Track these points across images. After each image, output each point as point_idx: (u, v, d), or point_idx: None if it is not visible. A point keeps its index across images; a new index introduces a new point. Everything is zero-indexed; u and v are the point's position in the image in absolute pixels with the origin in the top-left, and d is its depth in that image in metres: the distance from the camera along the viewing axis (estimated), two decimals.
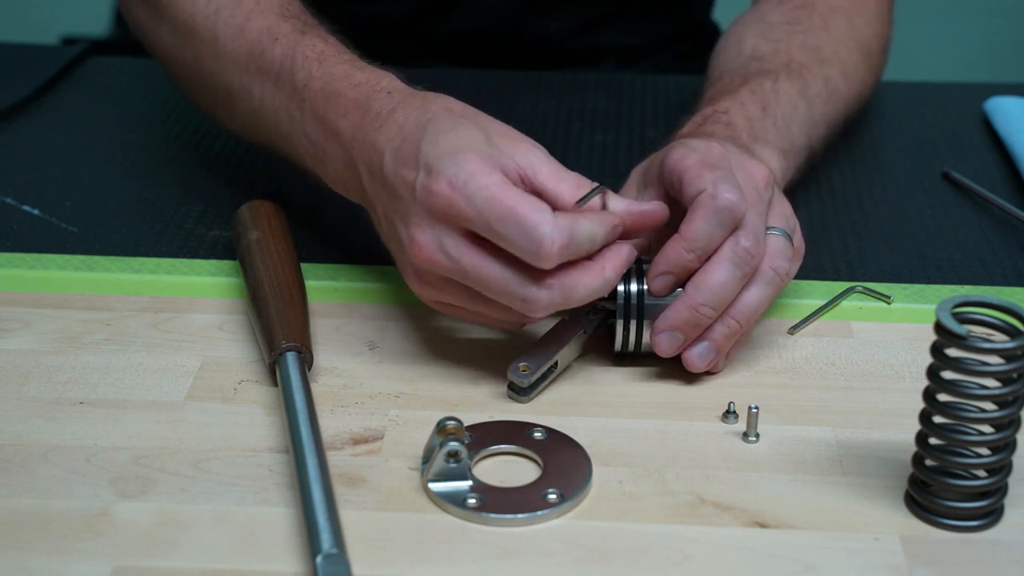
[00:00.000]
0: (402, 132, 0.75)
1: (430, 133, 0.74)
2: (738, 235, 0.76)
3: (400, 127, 0.76)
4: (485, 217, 0.71)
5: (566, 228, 0.71)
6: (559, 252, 0.71)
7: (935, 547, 0.67)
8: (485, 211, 0.71)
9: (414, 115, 0.76)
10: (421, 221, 0.73)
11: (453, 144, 0.73)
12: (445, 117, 0.75)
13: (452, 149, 0.73)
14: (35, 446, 0.73)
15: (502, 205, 0.71)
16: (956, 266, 0.91)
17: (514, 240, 0.71)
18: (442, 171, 0.72)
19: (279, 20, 0.88)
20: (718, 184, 0.75)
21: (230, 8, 0.90)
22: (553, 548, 0.67)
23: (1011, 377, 0.66)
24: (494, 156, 0.73)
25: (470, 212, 0.71)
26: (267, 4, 0.89)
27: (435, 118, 0.75)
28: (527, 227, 0.70)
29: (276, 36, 0.86)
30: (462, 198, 0.71)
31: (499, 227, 0.71)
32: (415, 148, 0.74)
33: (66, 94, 1.16)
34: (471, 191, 0.71)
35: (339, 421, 0.76)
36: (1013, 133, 1.07)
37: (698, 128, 0.87)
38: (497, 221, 0.71)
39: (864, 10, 1.05)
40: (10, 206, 0.97)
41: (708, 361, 0.78)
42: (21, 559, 0.66)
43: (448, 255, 0.73)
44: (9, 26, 2.51)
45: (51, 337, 0.83)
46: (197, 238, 0.93)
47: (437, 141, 0.73)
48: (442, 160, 0.72)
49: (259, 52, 0.87)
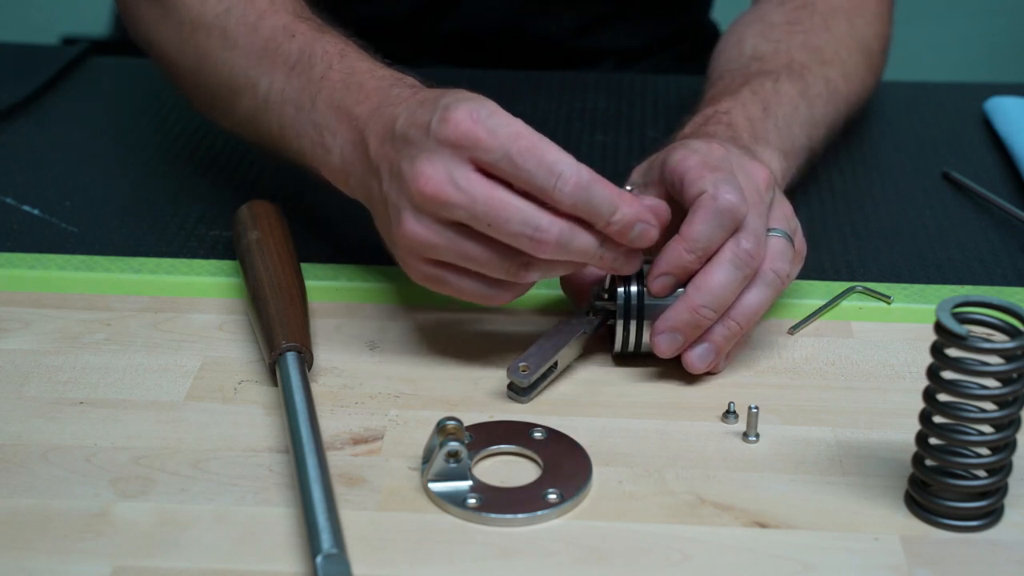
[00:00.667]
0: (422, 100, 0.76)
1: (448, 93, 0.75)
2: (739, 237, 0.76)
3: (420, 99, 0.76)
4: (507, 149, 0.71)
5: (586, 172, 0.71)
6: (574, 188, 0.71)
7: (935, 547, 0.67)
8: (507, 143, 0.71)
9: (434, 92, 0.77)
10: (431, 154, 0.73)
11: (472, 96, 0.74)
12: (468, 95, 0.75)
13: (472, 96, 0.73)
14: (35, 446, 0.73)
15: (526, 139, 0.71)
16: (956, 266, 0.91)
17: (534, 172, 0.71)
18: (462, 105, 0.72)
19: (295, 19, 0.88)
20: (719, 185, 0.75)
21: (242, 7, 0.90)
22: (553, 548, 0.67)
23: (1011, 377, 0.66)
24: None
25: (492, 143, 0.71)
26: (281, 4, 0.90)
27: (452, 90, 0.75)
28: (547, 161, 0.71)
29: (293, 33, 0.87)
30: (484, 130, 0.71)
31: (520, 159, 0.71)
32: (433, 103, 0.74)
33: (66, 94, 1.16)
34: (494, 124, 0.71)
35: (339, 421, 0.76)
36: (1013, 133, 1.07)
37: (699, 128, 0.87)
38: (519, 153, 0.71)
39: (865, 10, 1.05)
40: (10, 206, 0.97)
41: (708, 362, 0.78)
42: (21, 559, 0.66)
43: (457, 186, 0.72)
44: (9, 26, 2.51)
45: (51, 337, 0.83)
46: (197, 238, 0.93)
47: (456, 94, 0.74)
48: (462, 98, 0.73)
49: (274, 47, 0.87)
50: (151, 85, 1.18)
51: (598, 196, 0.72)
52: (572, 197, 0.71)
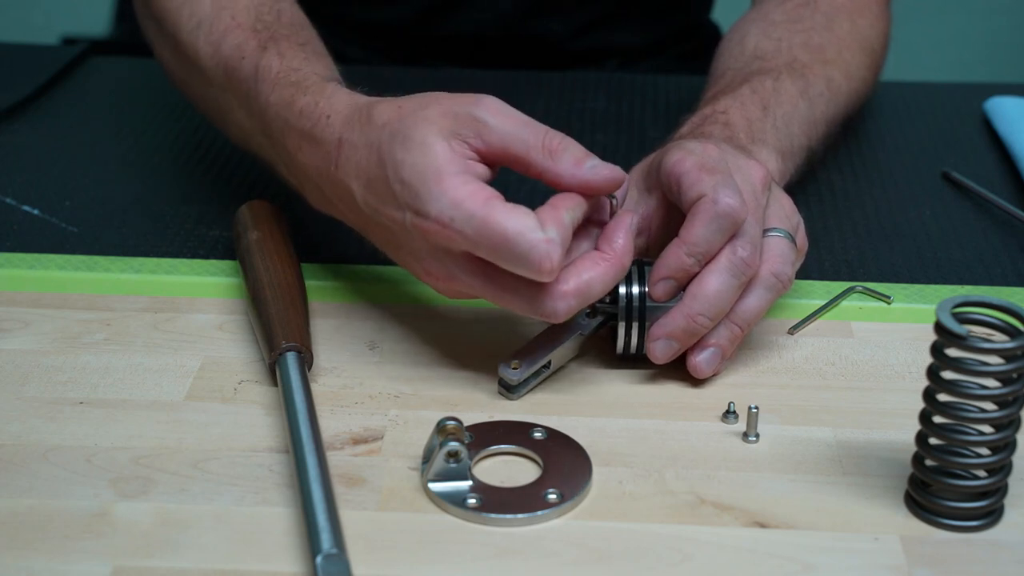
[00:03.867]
0: (360, 169, 0.75)
1: (391, 170, 0.73)
2: (735, 244, 0.76)
3: (355, 164, 0.76)
4: (481, 247, 0.71)
5: (557, 237, 0.71)
6: (558, 265, 0.71)
7: (935, 547, 0.67)
8: (479, 242, 0.71)
9: (362, 148, 0.75)
10: (427, 256, 0.75)
11: (419, 174, 0.72)
12: (391, 141, 0.74)
13: (422, 181, 0.72)
14: (35, 446, 0.73)
15: (493, 232, 0.70)
16: (956, 266, 0.91)
17: (513, 265, 0.71)
18: (427, 211, 0.72)
19: (249, 35, 0.86)
20: (718, 189, 0.75)
21: (209, 22, 0.89)
22: (553, 548, 0.67)
23: (1011, 377, 0.66)
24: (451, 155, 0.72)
25: (467, 244, 0.72)
26: (243, 16, 0.88)
27: (383, 147, 0.74)
28: (522, 252, 0.70)
29: (243, 54, 0.85)
30: (455, 233, 0.71)
31: (495, 255, 0.71)
32: (385, 188, 0.74)
33: (66, 94, 1.16)
34: (460, 225, 0.71)
35: (339, 421, 0.76)
36: (1013, 133, 1.07)
37: (696, 128, 0.87)
38: (492, 250, 0.71)
39: (866, 10, 1.05)
40: (10, 206, 0.97)
41: (715, 366, 0.78)
42: (21, 559, 0.66)
43: (464, 282, 0.74)
44: (9, 26, 2.51)
45: (51, 337, 0.83)
46: (197, 238, 0.93)
47: (402, 179, 0.73)
48: (420, 199, 0.72)
49: (232, 71, 0.86)
50: (151, 85, 1.18)
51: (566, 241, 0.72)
52: (554, 272, 0.71)
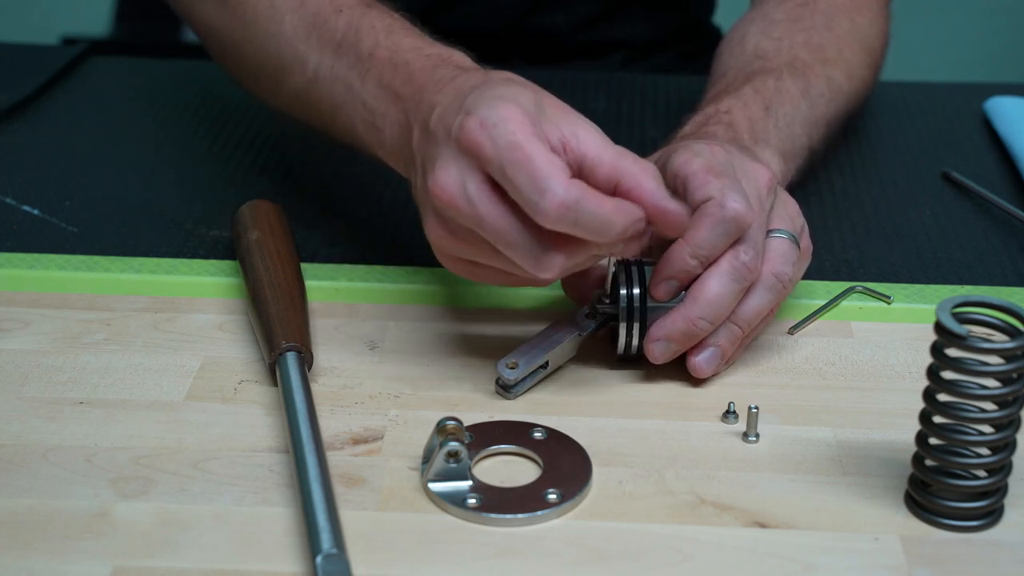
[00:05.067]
0: (458, 92, 0.74)
1: (481, 88, 0.73)
2: (738, 249, 0.76)
3: (458, 89, 0.75)
4: (501, 160, 0.69)
5: (576, 191, 0.68)
6: (559, 210, 0.68)
7: (935, 547, 0.67)
8: (503, 153, 0.69)
9: (474, 80, 0.75)
10: (447, 161, 0.72)
11: (498, 94, 0.72)
12: (502, 81, 0.74)
13: (496, 97, 0.71)
14: (35, 446, 0.73)
15: (520, 151, 0.69)
16: (956, 266, 0.91)
17: (520, 186, 0.69)
18: (478, 111, 0.71)
19: None
20: (726, 193, 0.75)
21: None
22: (553, 548, 0.67)
23: (1011, 377, 0.66)
24: (538, 118, 0.71)
25: (491, 152, 0.70)
26: None
27: (492, 80, 0.74)
28: (536, 176, 0.68)
29: (340, 8, 0.85)
30: (487, 138, 0.70)
31: (510, 171, 0.69)
32: (463, 99, 0.73)
33: (66, 94, 1.16)
34: (496, 133, 0.69)
35: (339, 421, 0.76)
36: (1013, 133, 1.07)
37: (700, 128, 0.87)
38: (510, 165, 0.69)
39: (866, 8, 1.05)
40: (10, 206, 0.97)
41: (716, 366, 0.78)
42: (21, 559, 0.66)
43: (467, 198, 0.71)
44: (9, 26, 2.51)
45: (51, 337, 0.83)
46: (197, 238, 0.93)
47: (484, 92, 0.72)
48: (481, 103, 0.71)
49: (321, 22, 0.85)
50: (151, 85, 1.18)
51: (586, 216, 0.69)
52: (554, 217, 0.69)
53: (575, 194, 0.68)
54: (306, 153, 1.05)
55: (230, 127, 1.10)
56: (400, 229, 0.95)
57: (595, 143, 0.72)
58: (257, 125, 1.09)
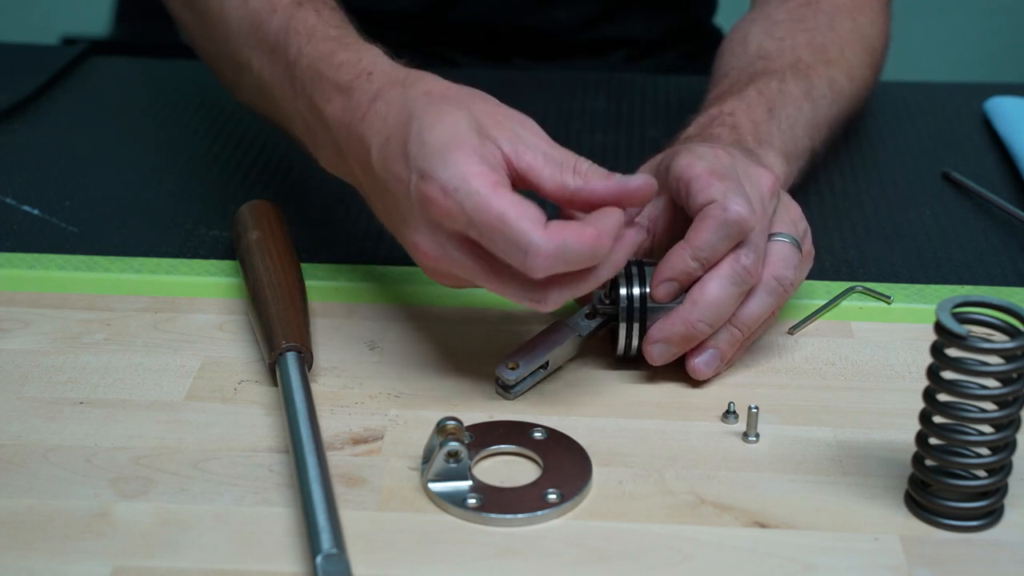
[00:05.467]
0: (386, 125, 0.74)
1: (415, 130, 0.72)
2: (739, 252, 0.76)
3: (383, 119, 0.74)
4: (476, 224, 0.70)
5: (556, 238, 0.69)
6: (546, 262, 0.69)
7: (935, 547, 0.67)
8: (475, 218, 0.69)
9: (396, 105, 0.74)
10: (420, 226, 0.72)
11: (440, 140, 0.71)
12: (427, 107, 0.73)
13: (441, 147, 0.71)
14: (35, 446, 0.73)
15: (490, 212, 0.69)
16: (956, 266, 0.91)
17: (502, 249, 0.69)
18: (435, 175, 0.70)
19: None
20: (728, 196, 0.75)
21: None
22: (553, 548, 0.67)
23: (1011, 377, 0.66)
24: (481, 148, 0.71)
25: (463, 220, 0.70)
26: None
27: (416, 109, 0.73)
28: (514, 236, 0.69)
29: (274, 8, 0.84)
30: (454, 204, 0.70)
31: (488, 235, 0.69)
32: (402, 147, 0.72)
33: (66, 94, 1.16)
34: (462, 197, 0.69)
35: (339, 421, 0.76)
36: (1013, 133, 1.07)
37: (703, 130, 0.87)
38: (486, 229, 0.69)
39: (867, 8, 1.05)
40: (10, 206, 0.97)
41: (715, 368, 0.78)
42: (21, 559, 0.66)
43: (452, 260, 0.72)
44: (9, 26, 2.51)
45: (51, 337, 0.83)
46: (197, 238, 0.93)
47: (423, 140, 0.72)
48: (433, 162, 0.71)
49: (259, 23, 0.85)
50: (151, 85, 1.18)
51: (574, 255, 0.69)
52: (544, 269, 0.69)
53: (556, 241, 0.69)
54: (306, 153, 1.05)
55: (230, 127, 1.10)
56: None
57: (533, 157, 0.72)
58: (257, 125, 1.09)
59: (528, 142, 0.73)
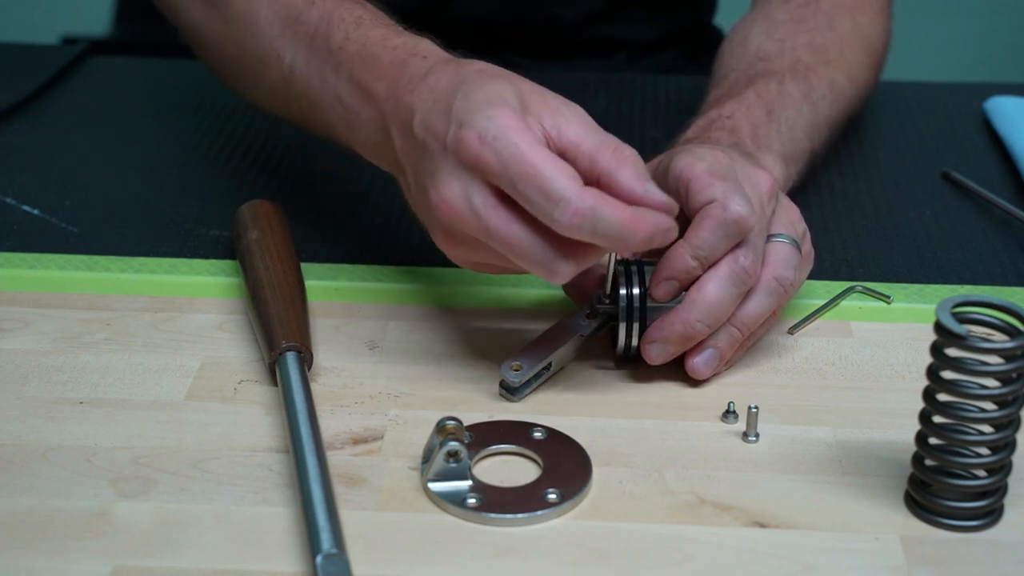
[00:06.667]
0: (434, 93, 0.74)
1: (462, 91, 0.72)
2: (737, 253, 0.76)
3: (432, 89, 0.74)
4: (510, 174, 0.69)
5: (590, 199, 0.68)
6: (576, 218, 0.68)
7: (935, 547, 0.67)
8: (510, 168, 0.69)
9: (447, 78, 0.74)
10: (449, 175, 0.72)
11: (485, 98, 0.71)
12: (477, 77, 0.73)
13: (484, 102, 0.71)
14: (35, 446, 0.73)
15: (527, 163, 0.69)
16: (956, 266, 0.91)
17: (533, 198, 0.69)
18: (474, 123, 0.70)
19: None
20: (729, 196, 0.75)
21: None
22: (553, 548, 0.67)
23: (1011, 377, 0.66)
24: (522, 114, 0.71)
25: (497, 167, 0.69)
26: None
27: (467, 79, 0.73)
28: (549, 186, 0.68)
29: (313, 1, 0.85)
30: (491, 152, 0.69)
31: (521, 185, 0.69)
32: (447, 105, 0.72)
33: (66, 94, 1.16)
34: (500, 146, 0.69)
35: (339, 421, 0.76)
36: (1013, 133, 1.07)
37: (703, 133, 0.87)
38: (520, 179, 0.69)
39: (867, 8, 1.05)
40: (10, 206, 0.97)
41: (713, 368, 0.78)
42: (21, 559, 0.66)
43: (475, 212, 0.71)
44: (9, 26, 2.51)
45: (51, 337, 0.83)
46: (197, 238, 0.93)
47: (468, 97, 0.72)
48: (475, 113, 0.71)
49: (295, 16, 0.85)
50: (151, 85, 1.18)
51: (603, 224, 0.68)
52: (570, 225, 0.68)
53: (589, 202, 0.68)
54: (306, 153, 1.05)
55: (230, 127, 1.10)
56: (399, 229, 0.95)
57: (576, 133, 0.72)
58: (257, 125, 1.09)
59: (571, 120, 0.72)
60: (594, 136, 0.72)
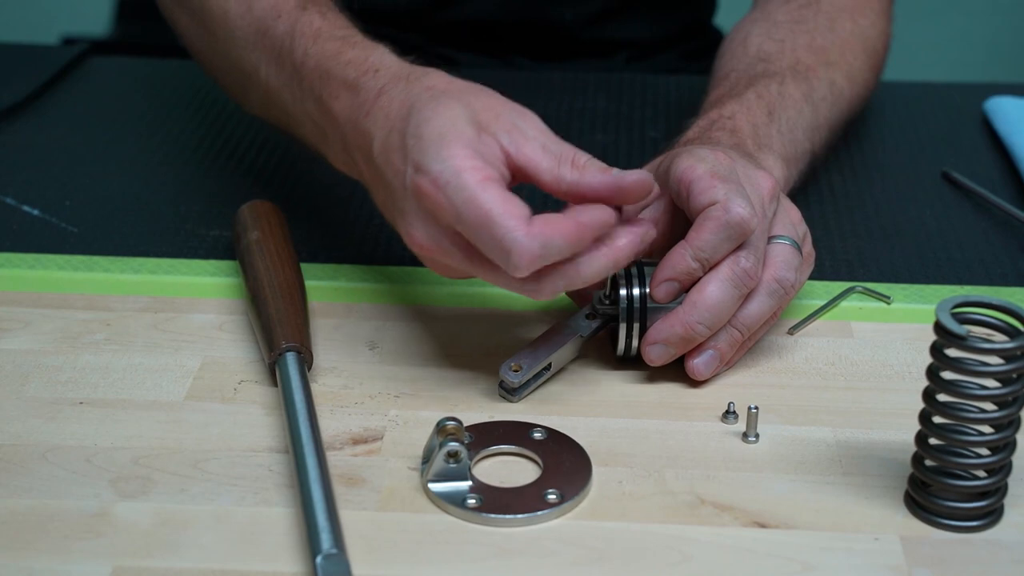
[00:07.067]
0: (388, 119, 0.75)
1: (413, 123, 0.73)
2: (738, 255, 0.76)
3: (386, 114, 0.75)
4: (463, 220, 0.70)
5: (538, 236, 0.69)
6: (530, 262, 0.69)
7: (935, 547, 0.67)
8: (463, 214, 0.70)
9: (398, 99, 0.75)
10: (414, 219, 0.73)
11: (436, 133, 0.72)
12: (428, 99, 0.74)
13: (436, 140, 0.71)
14: (35, 446, 0.73)
15: (478, 210, 0.69)
16: (956, 266, 0.91)
17: (487, 247, 0.70)
18: (428, 168, 0.71)
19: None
20: (730, 197, 0.75)
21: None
22: (553, 548, 0.67)
23: (1011, 377, 0.66)
24: (477, 141, 0.72)
25: (452, 214, 0.71)
26: None
27: (418, 101, 0.74)
28: (498, 236, 0.69)
29: (279, 13, 0.85)
30: (445, 199, 0.70)
31: (474, 232, 0.70)
32: (401, 139, 0.73)
33: (66, 94, 1.16)
34: (451, 192, 0.70)
35: (339, 421, 0.76)
36: (1013, 133, 1.07)
37: (704, 133, 0.87)
38: (472, 226, 0.70)
39: (868, 9, 1.05)
40: (10, 206, 0.97)
41: (713, 369, 0.78)
42: (21, 559, 0.66)
43: (446, 251, 0.73)
44: (9, 26, 2.51)
45: (51, 337, 0.83)
46: (197, 238, 0.93)
47: (420, 133, 0.72)
48: (427, 155, 0.71)
49: (265, 29, 0.86)
50: (151, 85, 1.18)
51: (555, 250, 0.69)
52: (527, 268, 0.70)
53: (539, 241, 0.69)
54: (306, 153, 1.05)
55: (230, 127, 1.10)
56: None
57: (532, 150, 0.73)
58: (257, 125, 1.09)
59: (527, 135, 0.73)
60: (552, 149, 0.73)
